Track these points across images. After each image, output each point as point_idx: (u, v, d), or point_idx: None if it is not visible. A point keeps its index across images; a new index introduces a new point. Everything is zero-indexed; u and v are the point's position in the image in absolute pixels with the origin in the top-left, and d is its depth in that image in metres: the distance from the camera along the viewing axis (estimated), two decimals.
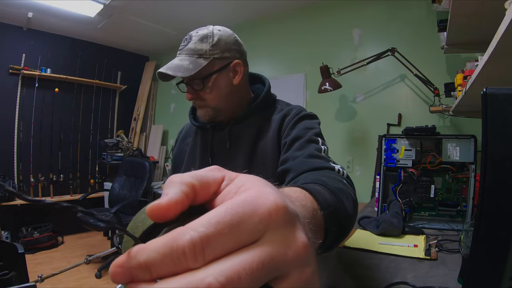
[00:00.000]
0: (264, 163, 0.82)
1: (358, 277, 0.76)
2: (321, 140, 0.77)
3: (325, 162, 0.67)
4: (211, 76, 0.80)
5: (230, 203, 0.18)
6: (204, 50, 0.78)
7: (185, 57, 0.78)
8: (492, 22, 0.60)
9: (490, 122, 0.37)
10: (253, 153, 0.83)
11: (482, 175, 0.38)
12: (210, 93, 0.82)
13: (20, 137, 3.33)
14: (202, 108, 0.85)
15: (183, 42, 0.80)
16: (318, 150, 0.72)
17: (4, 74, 3.21)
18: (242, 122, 0.87)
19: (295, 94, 2.77)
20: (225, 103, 0.85)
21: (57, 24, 3.26)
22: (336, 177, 0.58)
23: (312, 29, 2.75)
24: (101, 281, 2.55)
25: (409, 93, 2.26)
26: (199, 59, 0.78)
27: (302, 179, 0.58)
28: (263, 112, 0.88)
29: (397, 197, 1.26)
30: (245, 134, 0.85)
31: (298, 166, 0.68)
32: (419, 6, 2.19)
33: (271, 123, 0.85)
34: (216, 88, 0.82)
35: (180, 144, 1.01)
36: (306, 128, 0.79)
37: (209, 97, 0.82)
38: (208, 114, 0.85)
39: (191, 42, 0.79)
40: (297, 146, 0.74)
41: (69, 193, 3.63)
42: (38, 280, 0.71)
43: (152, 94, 4.21)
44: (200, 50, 0.78)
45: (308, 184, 0.44)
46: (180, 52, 0.80)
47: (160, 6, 2.85)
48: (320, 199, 0.37)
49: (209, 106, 0.84)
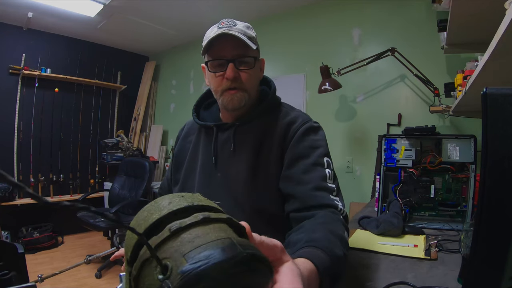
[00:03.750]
0: (268, 168, 0.81)
1: (358, 277, 0.76)
2: (326, 161, 0.78)
3: (329, 199, 0.72)
4: (258, 59, 0.82)
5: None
6: (252, 36, 0.80)
7: (239, 34, 0.77)
8: (492, 22, 0.60)
9: (490, 122, 0.37)
10: (257, 157, 0.83)
11: (482, 175, 0.38)
12: (252, 76, 0.82)
13: (20, 137, 3.33)
14: (239, 91, 0.80)
15: (225, 23, 0.78)
16: (323, 179, 0.74)
17: (4, 74, 3.21)
18: (247, 124, 0.86)
19: (295, 94, 2.77)
20: (254, 93, 0.86)
21: (57, 24, 3.26)
22: (336, 227, 0.62)
23: (312, 29, 2.75)
24: (101, 281, 2.55)
25: (409, 93, 2.26)
26: (250, 41, 0.78)
27: (308, 230, 0.61)
28: (268, 114, 0.87)
29: (397, 197, 1.26)
30: (250, 137, 0.84)
31: (305, 199, 0.72)
32: (419, 6, 2.19)
33: (276, 128, 0.84)
34: (255, 74, 0.84)
35: (182, 142, 1.00)
36: (311, 147, 0.79)
37: (250, 80, 0.82)
38: (244, 99, 0.81)
39: (238, 25, 0.79)
40: (303, 168, 0.76)
41: (69, 193, 3.63)
42: (38, 280, 0.71)
43: (152, 94, 4.21)
44: (250, 34, 0.79)
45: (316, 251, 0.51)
46: (230, 29, 0.77)
47: (160, 6, 2.85)
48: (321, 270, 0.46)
49: (247, 90, 0.81)
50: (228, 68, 0.78)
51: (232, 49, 0.78)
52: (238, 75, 0.79)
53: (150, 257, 0.28)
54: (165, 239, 0.29)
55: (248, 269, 0.28)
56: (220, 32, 0.76)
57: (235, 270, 0.27)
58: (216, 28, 0.79)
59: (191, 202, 0.35)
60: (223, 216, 0.33)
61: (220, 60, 0.79)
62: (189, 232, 0.29)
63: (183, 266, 0.26)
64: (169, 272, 0.26)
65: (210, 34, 0.78)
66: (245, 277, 0.28)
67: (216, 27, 0.79)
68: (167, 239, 0.29)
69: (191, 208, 0.34)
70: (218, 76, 0.81)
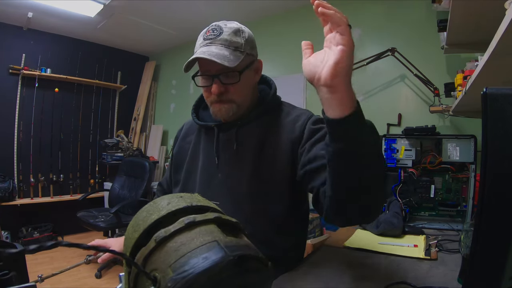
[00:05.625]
0: (272, 166, 0.81)
1: (358, 277, 0.76)
2: None
3: None
4: (245, 70, 0.79)
5: None
6: (239, 43, 0.77)
7: (222, 47, 0.75)
8: (492, 22, 0.60)
9: (490, 122, 0.37)
10: (261, 157, 0.82)
11: (482, 175, 0.38)
12: (240, 88, 0.80)
13: (20, 137, 3.33)
14: (226, 103, 0.80)
15: (211, 32, 0.77)
16: None
17: (4, 74, 3.21)
18: (249, 123, 0.85)
19: (295, 94, 2.77)
20: (246, 100, 0.85)
21: (57, 24, 3.25)
22: None
23: (312, 29, 2.73)
24: (101, 281, 2.55)
25: (409, 93, 2.26)
26: (236, 52, 0.76)
27: None
28: (270, 114, 0.87)
29: (397, 197, 1.26)
30: (252, 136, 0.84)
31: None
32: (419, 6, 2.19)
33: (280, 127, 0.84)
34: (245, 83, 0.81)
35: (181, 142, 0.99)
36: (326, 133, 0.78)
37: (238, 92, 0.80)
38: (232, 110, 0.81)
39: (224, 33, 0.76)
40: (321, 146, 0.73)
41: (69, 193, 3.63)
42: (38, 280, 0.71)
43: (152, 94, 4.21)
44: (236, 42, 0.77)
45: None
46: (213, 41, 0.76)
47: (160, 6, 2.85)
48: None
49: (235, 101, 0.80)
50: (214, 85, 0.77)
51: (215, 65, 0.74)
52: (223, 90, 0.78)
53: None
54: (152, 250, 0.29)
55: (238, 271, 0.28)
56: (201, 48, 0.75)
57: (222, 275, 0.27)
58: (202, 38, 0.78)
59: (189, 203, 0.34)
60: (210, 216, 0.32)
61: (205, 75, 0.79)
62: (174, 240, 0.29)
63: (169, 277, 0.26)
64: (158, 283, 0.27)
65: (196, 46, 0.79)
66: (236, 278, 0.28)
67: (202, 37, 0.78)
68: (153, 249, 0.29)
69: (190, 209, 0.34)
70: (205, 90, 0.82)
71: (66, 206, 3.41)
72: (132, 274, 0.30)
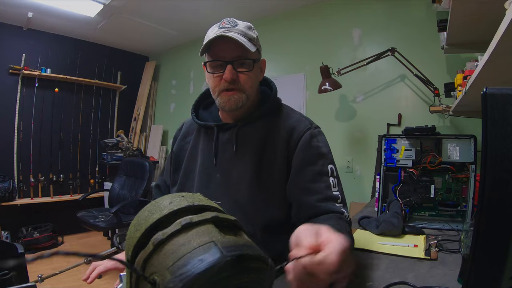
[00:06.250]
0: (270, 170, 0.81)
1: (358, 277, 0.76)
2: (330, 169, 0.80)
3: (335, 206, 0.77)
4: (257, 61, 0.81)
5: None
6: (253, 37, 0.80)
7: (239, 35, 0.76)
8: (492, 22, 0.60)
9: (490, 122, 0.37)
10: (261, 159, 0.82)
11: (482, 175, 0.38)
12: (251, 78, 0.81)
13: (20, 137, 3.33)
14: (237, 92, 0.80)
15: (227, 23, 0.78)
16: (328, 188, 0.78)
17: (4, 74, 3.21)
18: (248, 124, 0.85)
19: (295, 94, 2.77)
20: (254, 94, 0.85)
21: (57, 24, 3.25)
22: (343, 224, 0.71)
23: (312, 29, 2.75)
24: (101, 281, 2.54)
25: (409, 93, 2.26)
26: (250, 43, 0.78)
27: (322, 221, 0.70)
28: (270, 116, 0.87)
29: (397, 197, 1.26)
30: (252, 138, 0.84)
31: (313, 209, 0.77)
32: (419, 6, 2.19)
33: (278, 130, 0.84)
34: (255, 75, 0.83)
35: (180, 142, 0.98)
36: (317, 155, 0.81)
37: (249, 82, 0.81)
38: (241, 101, 0.81)
39: (239, 26, 0.78)
40: (310, 176, 0.79)
41: (69, 193, 3.63)
42: (38, 280, 0.71)
43: (152, 94, 4.21)
44: (250, 35, 0.79)
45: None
46: (230, 29, 0.77)
47: (160, 6, 2.85)
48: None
49: (245, 91, 0.81)
50: (226, 70, 0.78)
51: (231, 50, 0.77)
52: (236, 77, 0.79)
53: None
54: (150, 253, 0.29)
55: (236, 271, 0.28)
56: (219, 33, 0.75)
57: (219, 276, 0.26)
58: (216, 28, 0.79)
59: (191, 202, 0.34)
60: (208, 216, 0.32)
61: (218, 61, 0.79)
62: (172, 243, 0.29)
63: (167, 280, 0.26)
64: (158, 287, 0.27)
65: (210, 34, 0.78)
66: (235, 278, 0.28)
67: (217, 27, 0.79)
68: (152, 253, 0.29)
69: (192, 208, 0.34)
70: (216, 76, 0.80)
71: (66, 206, 3.41)
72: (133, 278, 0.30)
